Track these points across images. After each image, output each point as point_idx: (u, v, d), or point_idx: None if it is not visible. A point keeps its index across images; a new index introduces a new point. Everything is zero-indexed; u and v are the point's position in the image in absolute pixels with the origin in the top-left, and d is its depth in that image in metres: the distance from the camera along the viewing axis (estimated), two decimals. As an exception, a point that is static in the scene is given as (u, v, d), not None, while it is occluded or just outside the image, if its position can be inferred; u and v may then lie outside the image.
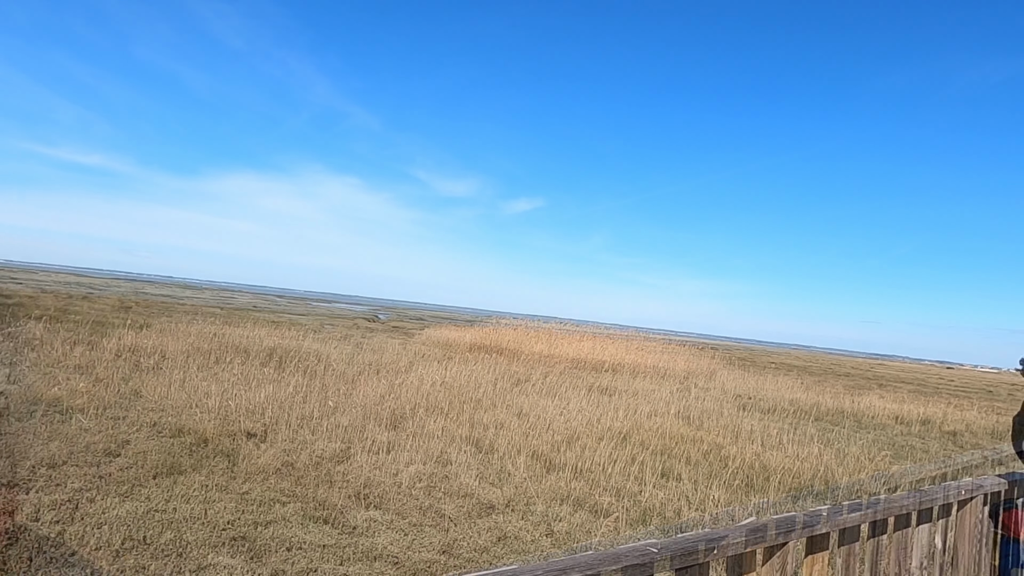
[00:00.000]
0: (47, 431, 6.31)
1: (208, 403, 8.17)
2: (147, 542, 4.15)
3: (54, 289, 31.67)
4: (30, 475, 5.10)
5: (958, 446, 11.97)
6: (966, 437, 13.19)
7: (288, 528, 4.65)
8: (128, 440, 6.35)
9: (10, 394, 7.46)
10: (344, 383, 10.46)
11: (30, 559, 3.74)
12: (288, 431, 7.32)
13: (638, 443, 8.40)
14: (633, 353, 21.78)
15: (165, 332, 13.90)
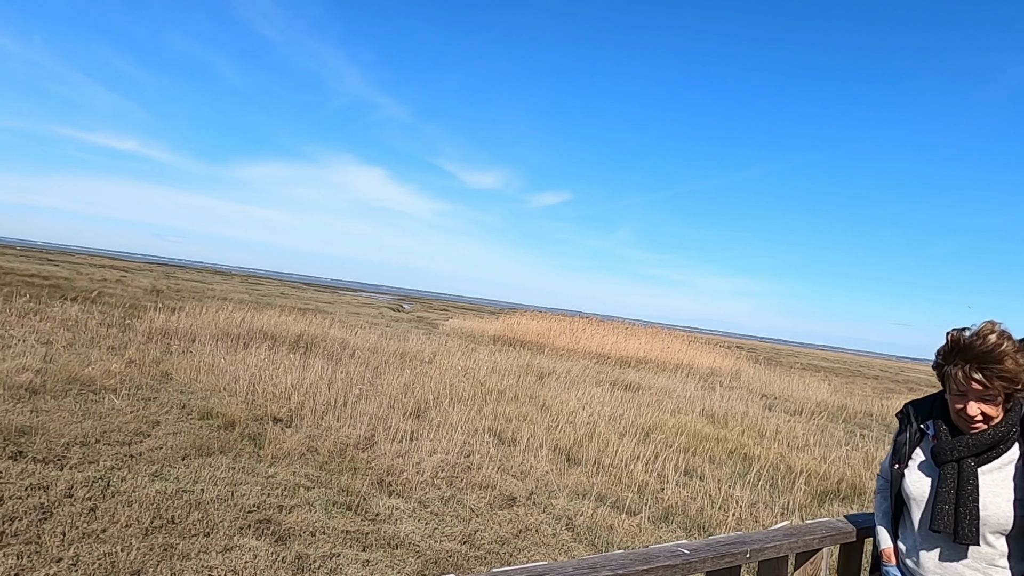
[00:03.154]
0: (81, 410, 6.46)
1: (236, 387, 8.29)
2: (175, 522, 4.23)
3: (89, 272, 32.47)
4: (64, 452, 5.22)
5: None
6: None
7: (312, 513, 4.70)
8: (158, 421, 6.47)
9: (46, 372, 7.66)
10: (369, 371, 10.54)
11: (63, 533, 3.84)
12: (313, 417, 7.40)
13: (661, 440, 8.32)
14: (657, 349, 21.60)
15: (195, 316, 14.14)
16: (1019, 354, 1.73)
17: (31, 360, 8.13)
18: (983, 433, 1.81)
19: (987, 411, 1.78)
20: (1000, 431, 1.81)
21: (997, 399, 1.77)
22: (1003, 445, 1.82)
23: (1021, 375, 1.75)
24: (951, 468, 1.84)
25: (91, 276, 28.85)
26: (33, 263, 33.47)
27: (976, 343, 1.74)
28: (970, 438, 1.83)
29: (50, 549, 3.66)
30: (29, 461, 4.90)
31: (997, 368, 1.72)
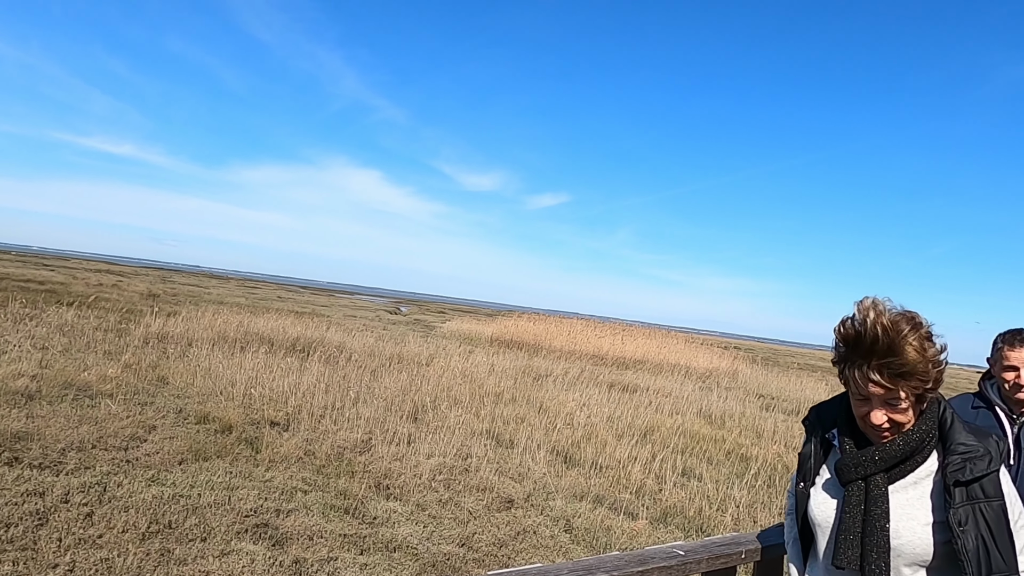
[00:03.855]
0: (77, 415, 6.45)
1: (233, 391, 8.28)
2: (172, 526, 4.22)
3: (85, 276, 32.39)
4: (60, 458, 5.21)
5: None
6: None
7: (309, 517, 4.69)
8: (155, 426, 6.46)
9: (42, 378, 7.63)
10: (366, 374, 10.53)
11: (59, 539, 3.83)
12: (311, 420, 7.39)
13: (659, 441, 8.33)
14: (655, 350, 21.62)
15: (192, 320, 14.11)
16: (924, 340, 1.36)
17: (27, 365, 8.11)
18: (893, 443, 1.45)
19: (895, 417, 1.42)
20: (913, 439, 1.45)
21: (905, 401, 1.40)
22: (918, 456, 1.46)
23: (929, 367, 1.37)
24: (857, 488, 1.48)
25: (87, 281, 28.78)
26: (29, 268, 33.38)
27: (865, 335, 1.36)
28: (878, 450, 1.46)
29: (46, 555, 3.65)
30: (25, 467, 4.88)
31: (896, 362, 1.34)
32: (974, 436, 1.45)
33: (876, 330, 1.34)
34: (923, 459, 1.47)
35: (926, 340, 1.37)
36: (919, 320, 1.39)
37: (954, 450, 1.44)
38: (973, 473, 1.39)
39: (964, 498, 1.39)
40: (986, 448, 1.43)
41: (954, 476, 1.40)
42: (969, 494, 1.39)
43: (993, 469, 1.40)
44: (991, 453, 1.42)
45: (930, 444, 1.46)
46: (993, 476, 1.41)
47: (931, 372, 1.38)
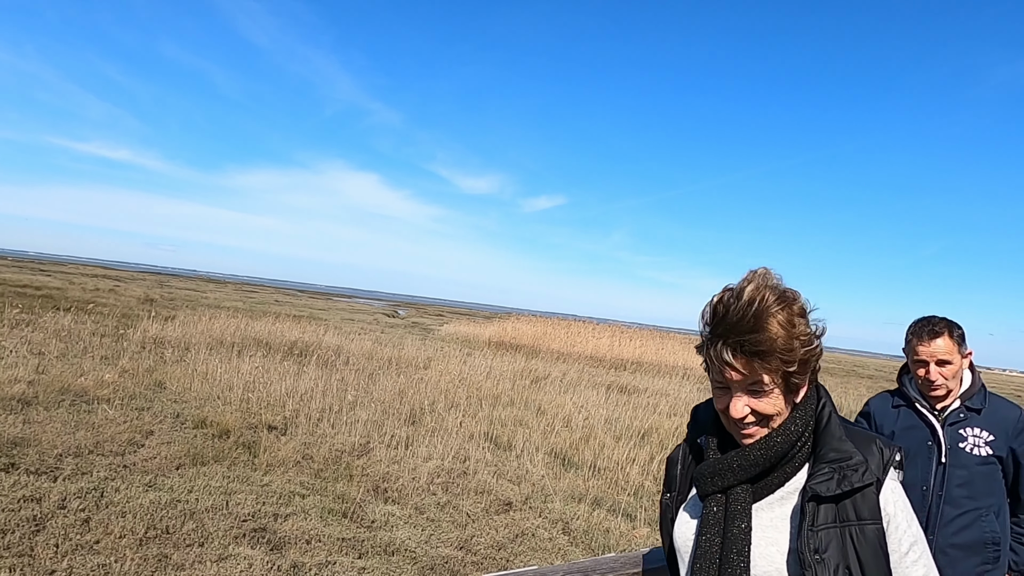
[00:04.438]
0: (74, 420, 6.43)
1: (230, 395, 8.27)
2: (169, 532, 4.21)
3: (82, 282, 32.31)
4: (57, 463, 5.20)
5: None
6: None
7: (307, 521, 4.69)
8: (152, 431, 6.44)
9: (39, 383, 7.61)
10: (363, 377, 10.52)
11: (56, 545, 3.82)
12: (308, 424, 7.38)
13: (657, 442, 8.33)
14: (652, 351, 21.63)
15: (189, 325, 14.09)
16: (793, 316, 1.13)
17: (23, 371, 8.09)
18: (755, 447, 1.17)
19: (760, 407, 1.15)
20: (778, 442, 1.16)
21: (770, 387, 1.14)
22: (787, 466, 1.18)
23: (794, 345, 1.11)
24: (716, 504, 1.20)
25: (84, 286, 28.71)
26: (25, 274, 33.29)
27: (731, 309, 1.12)
28: (737, 455, 1.18)
29: (43, 561, 3.64)
30: (22, 473, 4.87)
31: (754, 339, 1.09)
32: (851, 441, 1.17)
33: (742, 302, 1.11)
34: (793, 470, 1.18)
35: (797, 317, 1.13)
36: (795, 296, 1.15)
37: (823, 456, 1.15)
38: (841, 487, 1.10)
39: (829, 519, 1.11)
40: (863, 456, 1.14)
41: (813, 490, 1.10)
42: (839, 514, 1.11)
43: (868, 482, 1.12)
44: (868, 463, 1.14)
45: (803, 450, 1.18)
46: (869, 492, 1.12)
47: (796, 351, 1.11)
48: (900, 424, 2.43)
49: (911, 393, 2.42)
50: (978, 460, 2.28)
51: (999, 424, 2.31)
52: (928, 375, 2.31)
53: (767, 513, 1.18)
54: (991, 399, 2.38)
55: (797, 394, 1.19)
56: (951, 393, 2.35)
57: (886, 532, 1.12)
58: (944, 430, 2.34)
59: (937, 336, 2.29)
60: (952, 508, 2.29)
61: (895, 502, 1.15)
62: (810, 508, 1.11)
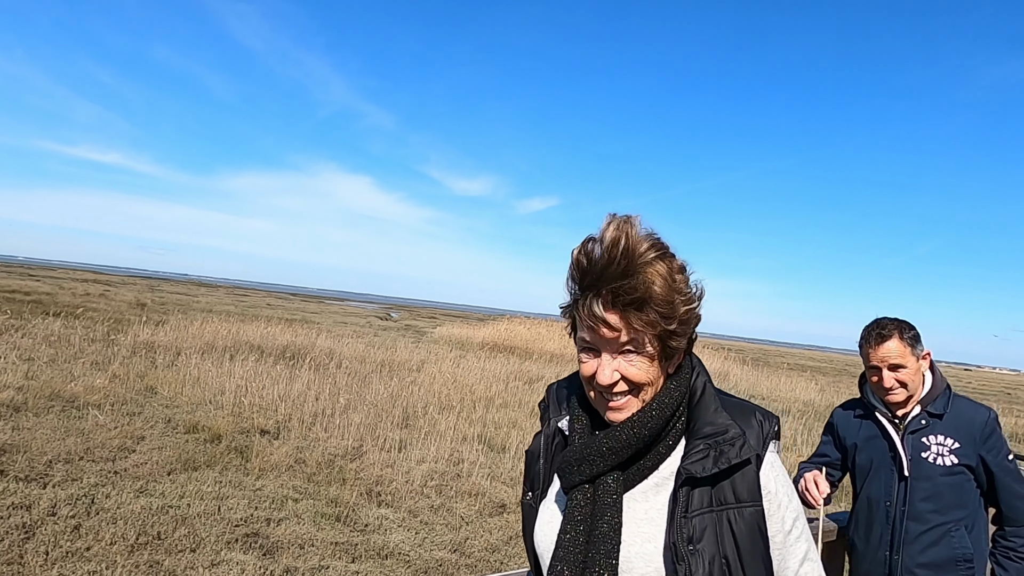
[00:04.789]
0: (64, 426, 6.38)
1: (222, 400, 8.23)
2: (161, 538, 4.18)
3: (72, 286, 32.08)
4: (47, 470, 5.15)
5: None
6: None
7: (300, 525, 4.67)
8: (143, 436, 6.40)
9: (28, 389, 7.55)
10: (356, 381, 10.49)
11: (46, 553, 3.78)
12: (301, 428, 7.35)
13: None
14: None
15: (180, 329, 14.01)
16: (674, 269, 0.98)
17: (12, 377, 8.02)
18: (626, 425, 0.99)
19: (631, 373, 0.98)
20: (652, 416, 0.99)
21: (645, 350, 0.97)
22: (660, 445, 1.02)
23: (676, 300, 0.96)
24: (582, 496, 1.01)
25: (74, 291, 28.51)
26: (14, 279, 33.02)
27: (600, 256, 0.95)
28: (607, 436, 1.00)
29: (33, 569, 3.61)
30: (11, 480, 4.83)
31: (630, 286, 0.93)
32: (728, 413, 1.02)
33: (607, 244, 0.95)
34: (667, 450, 1.03)
35: (677, 272, 0.98)
36: (673, 251, 1.01)
37: (697, 432, 1.01)
38: (718, 464, 0.96)
39: (704, 503, 0.96)
40: (740, 429, 1.00)
41: (688, 471, 0.96)
42: (715, 497, 0.97)
43: (746, 456, 0.97)
44: (746, 437, 0.99)
45: (676, 427, 1.03)
46: (749, 470, 0.98)
47: (677, 308, 0.96)
48: (862, 435, 2.27)
49: (871, 401, 2.25)
50: (942, 470, 2.07)
51: (964, 429, 2.10)
52: (881, 381, 2.13)
53: (641, 504, 1.02)
54: (955, 402, 2.16)
55: (673, 362, 1.03)
56: (912, 398, 2.15)
57: (767, 512, 1.00)
58: (904, 440, 2.15)
59: (885, 339, 2.10)
60: (917, 524, 2.10)
61: (775, 478, 1.02)
62: (683, 493, 0.96)
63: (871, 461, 2.22)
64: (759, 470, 1.01)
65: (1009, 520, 2.12)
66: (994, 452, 2.08)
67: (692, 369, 1.08)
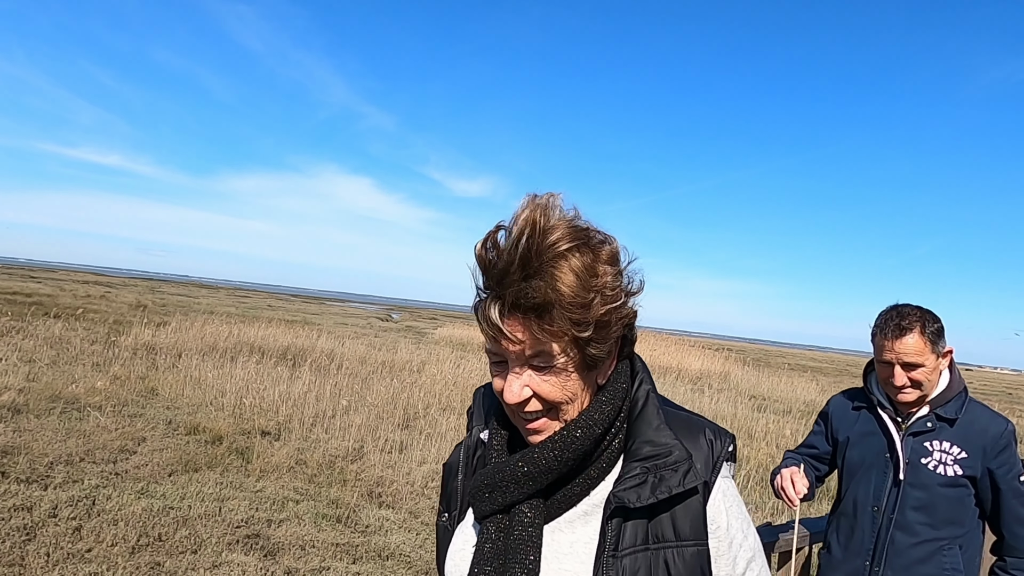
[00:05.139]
0: (65, 428, 6.39)
1: (223, 401, 8.23)
2: (162, 539, 4.19)
3: (72, 288, 32.11)
4: (48, 471, 5.16)
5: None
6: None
7: (301, 526, 4.67)
8: (144, 438, 6.41)
9: (29, 391, 7.56)
10: (357, 382, 10.50)
11: (47, 554, 3.79)
12: (302, 429, 7.35)
13: (651, 444, 8.35)
14: (646, 353, 21.67)
15: (181, 330, 14.01)
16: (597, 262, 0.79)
17: (13, 379, 8.03)
18: (547, 446, 0.82)
19: (544, 390, 0.81)
20: (578, 438, 0.81)
21: (561, 362, 0.79)
22: (593, 468, 0.85)
23: (591, 301, 0.77)
24: (496, 528, 0.86)
25: (75, 292, 28.53)
26: (15, 280, 33.06)
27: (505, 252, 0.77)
28: (524, 459, 0.83)
29: (34, 570, 3.61)
30: (12, 481, 4.83)
31: (531, 289, 0.75)
32: (673, 430, 0.85)
33: (518, 240, 0.75)
34: (600, 473, 0.86)
35: (603, 263, 0.79)
36: (603, 238, 0.81)
37: (635, 452, 0.84)
38: (656, 494, 0.79)
39: (639, 539, 0.81)
40: (686, 451, 0.83)
41: (620, 499, 0.80)
42: (651, 533, 0.81)
43: (690, 485, 0.80)
44: (692, 461, 0.82)
45: (612, 446, 0.86)
46: (693, 502, 0.82)
47: (592, 308, 0.77)
48: (858, 429, 2.03)
49: (874, 395, 2.00)
50: (942, 480, 1.84)
51: (975, 439, 1.85)
52: (892, 379, 1.86)
53: (566, 535, 0.85)
54: (970, 407, 1.90)
55: (601, 371, 0.85)
56: (923, 398, 1.90)
57: (713, 553, 0.83)
58: (904, 441, 1.91)
59: (905, 333, 1.81)
60: (906, 535, 1.86)
61: (727, 509, 0.86)
62: (613, 526, 0.80)
63: (863, 459, 1.99)
64: (706, 501, 0.84)
65: (1011, 549, 1.87)
66: (1005, 468, 1.84)
67: (632, 376, 0.90)
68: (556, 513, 0.86)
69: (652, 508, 0.81)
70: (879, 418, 1.97)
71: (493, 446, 0.91)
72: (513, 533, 0.83)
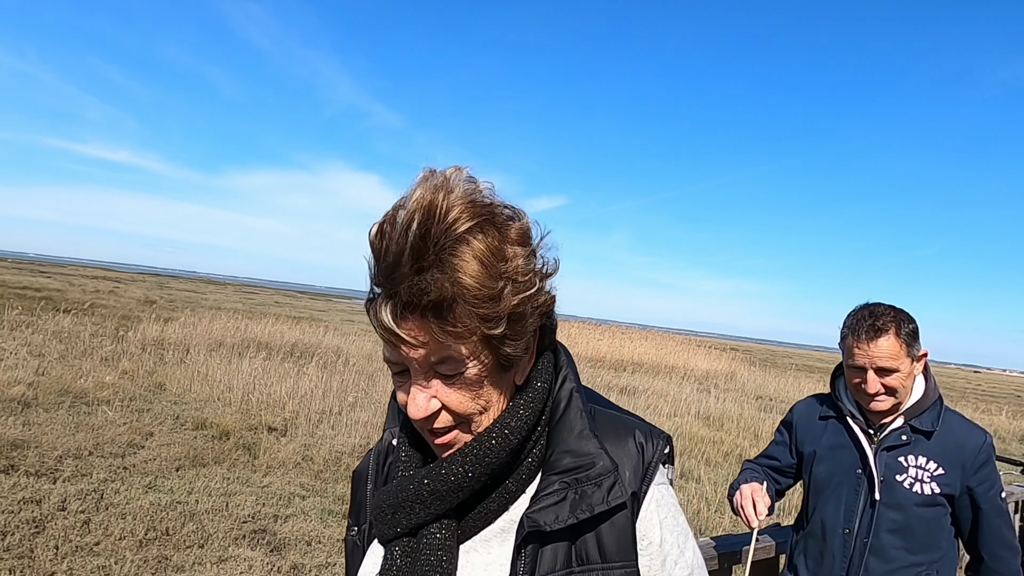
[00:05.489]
0: (74, 422, 6.43)
1: (230, 397, 8.27)
2: (169, 533, 4.21)
3: (81, 283, 32.32)
4: (57, 465, 5.20)
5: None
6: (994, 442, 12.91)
7: (307, 522, 4.69)
8: (152, 432, 6.45)
9: (39, 385, 7.62)
10: (363, 379, 10.52)
11: (56, 547, 3.82)
12: (308, 426, 7.38)
13: (657, 443, 8.33)
14: (652, 352, 21.64)
15: (189, 326, 14.08)
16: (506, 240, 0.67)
17: (23, 373, 8.09)
18: (459, 459, 0.71)
19: (453, 404, 0.70)
20: (493, 447, 0.70)
21: (471, 366, 0.68)
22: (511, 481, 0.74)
23: (501, 291, 0.65)
24: (402, 552, 0.74)
25: (83, 287, 28.71)
26: (25, 275, 33.29)
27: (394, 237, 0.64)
28: (430, 476, 0.72)
29: (43, 563, 3.64)
30: (22, 475, 4.87)
31: (426, 283, 0.63)
32: (598, 437, 0.74)
33: (409, 227, 0.63)
34: (521, 486, 0.75)
35: (512, 244, 0.67)
36: (511, 214, 0.69)
37: (554, 464, 0.73)
38: (576, 514, 0.69)
39: (559, 563, 0.70)
40: (611, 461, 0.72)
41: (533, 521, 0.69)
42: (574, 554, 0.71)
43: (616, 502, 0.70)
44: (617, 472, 0.72)
45: (532, 454, 0.75)
46: (620, 518, 0.72)
47: (505, 301, 0.65)
48: (826, 441, 1.83)
49: (844, 403, 1.81)
50: (919, 499, 1.66)
51: (953, 454, 1.68)
52: (865, 385, 1.67)
53: (480, 556, 0.74)
54: (947, 418, 1.73)
55: (518, 370, 0.73)
56: (898, 407, 1.72)
57: (644, 573, 0.73)
58: (878, 456, 1.71)
59: (880, 335, 1.63)
60: (880, 561, 1.68)
61: (662, 521, 0.75)
62: (529, 552, 0.69)
63: (832, 475, 1.79)
64: (636, 515, 0.73)
65: (991, 572, 1.72)
66: (986, 485, 1.68)
67: (554, 372, 0.77)
68: (472, 532, 0.75)
69: (575, 527, 0.70)
70: (849, 429, 1.78)
71: (401, 457, 0.78)
72: (421, 557, 0.72)
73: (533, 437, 0.74)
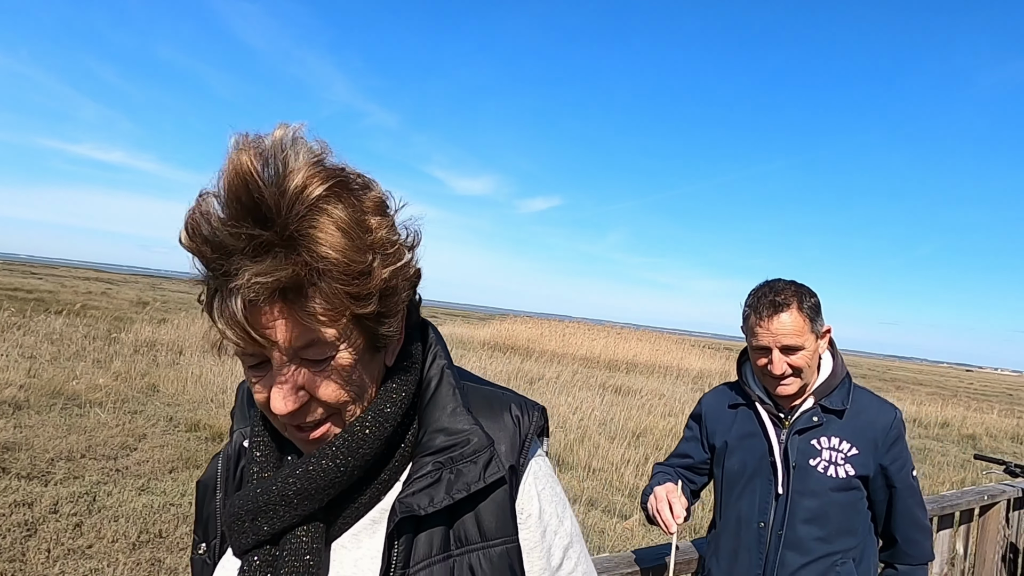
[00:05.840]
0: (66, 424, 6.40)
1: (224, 398, 8.24)
2: (162, 536, 4.19)
3: (73, 284, 32.14)
4: (49, 468, 5.17)
5: (977, 449, 11.79)
6: (985, 440, 13.00)
7: (302, 524, 4.68)
8: (145, 434, 6.42)
9: (30, 387, 7.57)
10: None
11: (48, 550, 3.79)
12: (302, 427, 7.36)
13: (652, 443, 8.35)
14: (647, 352, 21.68)
15: (182, 327, 14.03)
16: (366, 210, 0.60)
17: (15, 375, 8.04)
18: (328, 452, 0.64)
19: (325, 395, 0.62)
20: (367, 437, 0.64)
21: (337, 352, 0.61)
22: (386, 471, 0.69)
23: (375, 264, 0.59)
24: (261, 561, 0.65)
25: (76, 289, 28.56)
26: (16, 276, 33.10)
27: (220, 212, 0.56)
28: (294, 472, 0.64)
29: (35, 567, 3.62)
30: (13, 477, 4.84)
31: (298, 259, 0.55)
32: (471, 413, 0.70)
33: (245, 192, 0.54)
34: (395, 474, 0.69)
35: (373, 215, 0.61)
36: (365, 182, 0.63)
37: (427, 445, 0.68)
38: (452, 494, 0.65)
39: (436, 548, 0.65)
40: (487, 437, 0.68)
41: (407, 506, 0.64)
42: (452, 537, 0.66)
43: (494, 478, 0.66)
44: (494, 447, 0.68)
45: (409, 439, 0.69)
46: (500, 492, 0.68)
47: (375, 274, 0.59)
48: (736, 431, 1.71)
49: (752, 389, 1.70)
50: (834, 484, 1.57)
51: (865, 431, 1.59)
52: (771, 366, 1.56)
53: (350, 553, 0.67)
54: (857, 395, 1.65)
55: (388, 351, 0.68)
56: (805, 389, 1.62)
57: (525, 547, 0.69)
58: (789, 440, 1.61)
59: (781, 310, 1.53)
60: (797, 554, 1.58)
61: (540, 492, 0.72)
62: (404, 541, 0.64)
63: (744, 466, 1.67)
64: (515, 489, 0.69)
65: (903, 556, 1.65)
66: (898, 463, 1.60)
67: (425, 350, 0.73)
68: (342, 529, 0.68)
69: (452, 508, 0.65)
70: (759, 416, 1.67)
71: (256, 458, 0.69)
72: (284, 565, 0.64)
73: (406, 421, 0.69)
